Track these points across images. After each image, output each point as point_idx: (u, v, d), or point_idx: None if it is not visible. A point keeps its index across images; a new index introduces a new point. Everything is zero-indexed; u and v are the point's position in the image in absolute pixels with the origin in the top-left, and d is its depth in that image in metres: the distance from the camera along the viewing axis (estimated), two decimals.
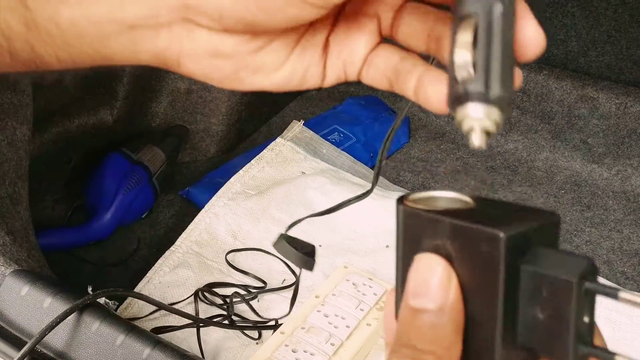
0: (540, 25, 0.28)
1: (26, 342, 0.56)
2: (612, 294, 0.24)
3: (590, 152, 1.18)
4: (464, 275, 0.26)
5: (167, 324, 0.78)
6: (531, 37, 0.28)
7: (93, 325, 0.58)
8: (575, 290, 0.23)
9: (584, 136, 1.19)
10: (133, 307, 0.81)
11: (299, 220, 0.42)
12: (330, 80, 0.34)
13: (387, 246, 0.96)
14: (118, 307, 0.79)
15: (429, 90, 0.31)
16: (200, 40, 0.30)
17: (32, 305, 0.60)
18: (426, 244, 0.27)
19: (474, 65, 0.26)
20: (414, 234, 0.28)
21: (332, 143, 1.18)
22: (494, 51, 0.26)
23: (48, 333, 0.56)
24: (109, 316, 0.59)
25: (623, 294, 0.24)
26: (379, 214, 1.00)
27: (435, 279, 0.26)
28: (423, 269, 0.26)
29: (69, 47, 0.31)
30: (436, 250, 0.26)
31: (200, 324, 0.76)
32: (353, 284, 0.82)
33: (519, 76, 0.28)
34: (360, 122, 1.25)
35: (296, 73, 0.33)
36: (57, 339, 0.58)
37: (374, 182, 0.38)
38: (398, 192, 1.05)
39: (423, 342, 0.25)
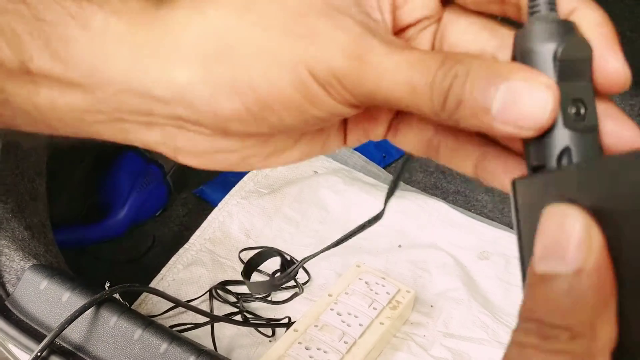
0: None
1: (45, 335, 0.57)
2: None
3: None
4: (612, 227, 0.20)
5: (181, 321, 0.78)
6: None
7: (111, 320, 0.58)
8: None
9: None
10: (147, 304, 0.81)
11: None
12: (352, 143, 0.30)
13: (400, 246, 0.96)
14: (130, 305, 0.79)
15: (502, 180, 0.26)
16: (198, 142, 0.27)
17: (51, 299, 0.61)
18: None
19: None
20: (535, 204, 0.22)
21: None
22: None
23: (67, 327, 0.56)
24: (126, 311, 0.59)
25: None
26: (392, 214, 1.00)
27: (569, 233, 0.20)
28: (553, 224, 0.20)
29: (49, 127, 0.28)
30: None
31: (216, 321, 0.77)
32: (366, 283, 0.82)
33: None
34: None
35: (313, 148, 0.29)
36: (75, 332, 0.59)
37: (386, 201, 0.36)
38: (410, 192, 1.06)
39: (554, 315, 0.20)
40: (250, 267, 0.40)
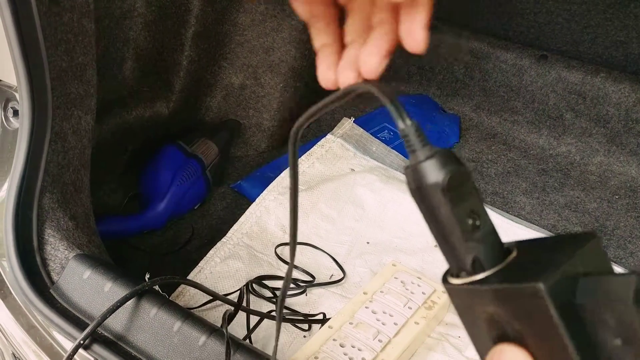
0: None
1: (87, 324, 0.59)
2: None
3: None
4: (524, 334, 0.25)
5: (218, 314, 0.79)
6: None
7: (151, 311, 0.59)
8: (634, 308, 0.23)
9: None
10: (185, 296, 0.82)
11: None
12: None
13: (436, 246, 0.95)
14: (168, 297, 0.80)
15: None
16: None
17: (94, 289, 0.62)
18: (480, 314, 0.27)
19: None
20: (466, 305, 0.28)
21: (382, 141, 1.18)
22: None
23: (109, 316, 0.58)
24: (166, 302, 0.60)
25: None
26: None
27: None
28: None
29: None
30: (491, 318, 0.27)
31: (252, 315, 0.78)
32: (401, 282, 0.82)
33: None
34: None
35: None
36: (116, 322, 0.60)
37: None
38: None
39: None
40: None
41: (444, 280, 0.29)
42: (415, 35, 0.33)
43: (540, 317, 0.24)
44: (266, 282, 0.86)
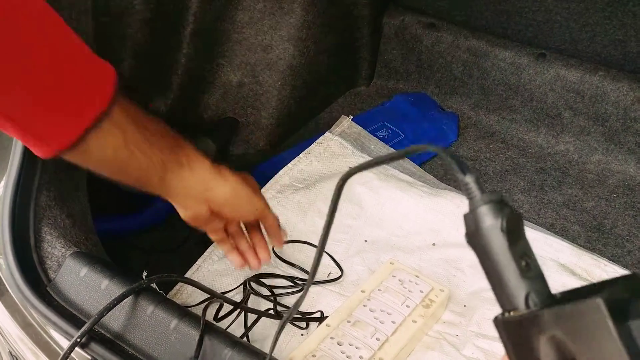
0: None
1: (84, 322, 0.58)
2: None
3: None
4: (581, 355, 0.27)
5: (215, 312, 0.79)
6: None
7: (148, 309, 0.59)
8: None
9: (639, 139, 1.16)
10: (182, 294, 0.82)
11: None
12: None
13: (434, 244, 0.96)
14: (166, 294, 0.80)
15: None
16: (201, 209, 0.64)
17: (91, 287, 0.62)
18: (536, 343, 0.29)
19: None
20: (521, 338, 0.30)
21: (380, 139, 1.18)
22: None
23: (106, 314, 0.58)
24: (163, 301, 0.60)
25: None
26: (427, 211, 1.00)
27: None
28: None
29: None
30: (547, 345, 0.29)
31: (250, 313, 0.77)
32: (399, 281, 0.82)
33: None
34: (408, 118, 1.25)
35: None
36: (113, 320, 0.60)
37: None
38: (446, 191, 1.05)
39: None
40: None
41: (497, 320, 0.31)
42: (279, 243, 0.73)
43: (599, 335, 0.26)
44: (264, 280, 0.86)
